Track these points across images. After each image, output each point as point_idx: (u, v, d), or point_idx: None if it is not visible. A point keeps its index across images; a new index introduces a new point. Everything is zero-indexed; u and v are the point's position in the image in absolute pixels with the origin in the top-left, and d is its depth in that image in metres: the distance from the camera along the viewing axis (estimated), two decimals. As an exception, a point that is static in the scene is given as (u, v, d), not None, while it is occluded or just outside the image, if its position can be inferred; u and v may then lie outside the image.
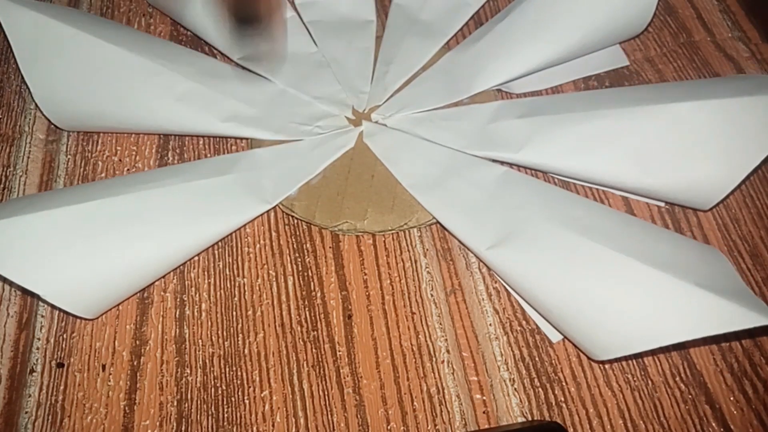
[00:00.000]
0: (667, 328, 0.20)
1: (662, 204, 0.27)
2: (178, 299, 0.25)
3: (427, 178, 0.27)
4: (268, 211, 0.27)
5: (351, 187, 0.27)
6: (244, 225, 0.26)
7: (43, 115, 0.28)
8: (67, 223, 0.23)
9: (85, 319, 0.25)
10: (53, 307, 0.25)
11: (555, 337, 0.24)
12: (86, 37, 0.26)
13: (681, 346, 0.24)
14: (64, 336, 0.25)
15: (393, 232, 0.26)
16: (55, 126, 0.29)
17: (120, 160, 0.29)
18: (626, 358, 0.23)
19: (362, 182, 0.27)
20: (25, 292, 0.26)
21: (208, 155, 0.29)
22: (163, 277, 0.26)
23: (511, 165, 0.27)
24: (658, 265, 0.21)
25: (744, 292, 0.21)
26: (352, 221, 0.26)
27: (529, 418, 0.23)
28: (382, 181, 0.27)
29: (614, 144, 0.25)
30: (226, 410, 0.23)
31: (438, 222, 0.26)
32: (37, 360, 0.24)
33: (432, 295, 0.25)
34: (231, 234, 0.26)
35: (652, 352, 0.24)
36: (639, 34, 0.30)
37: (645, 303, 0.21)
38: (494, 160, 0.27)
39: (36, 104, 0.27)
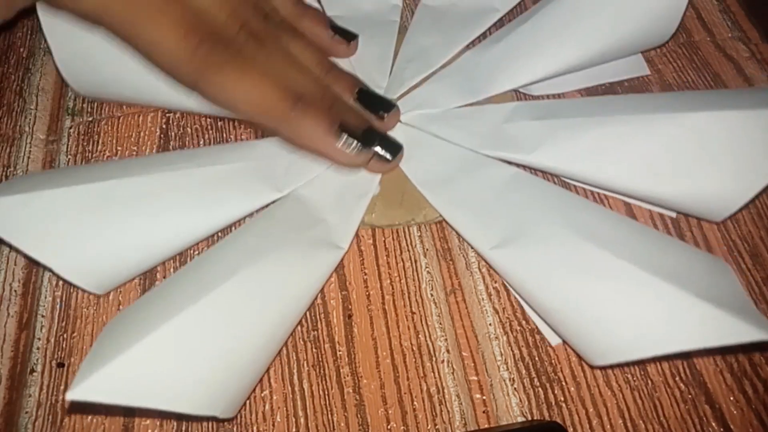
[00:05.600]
0: (665, 337, 0.20)
1: (673, 215, 0.27)
2: (179, 299, 0.25)
3: (437, 175, 0.27)
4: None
5: None
6: (256, 211, 0.26)
7: (63, 81, 0.28)
8: (83, 201, 0.24)
9: (95, 294, 0.25)
10: (64, 281, 0.25)
11: (554, 340, 0.24)
12: None
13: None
14: (65, 336, 0.25)
15: (399, 227, 0.26)
16: (74, 92, 0.29)
17: (120, 160, 0.29)
18: (623, 364, 0.23)
19: None
20: (25, 291, 0.26)
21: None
22: (168, 259, 0.26)
23: (522, 167, 0.27)
24: (660, 274, 0.21)
25: (746, 306, 0.21)
26: None
27: (529, 418, 0.23)
28: (393, 176, 0.27)
29: (628, 151, 0.25)
30: (226, 410, 0.23)
31: (444, 220, 0.26)
32: (37, 360, 0.24)
33: (432, 295, 0.25)
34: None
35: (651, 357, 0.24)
36: (663, 44, 0.30)
37: (644, 311, 0.21)
38: (506, 161, 0.27)
39: (57, 69, 0.28)
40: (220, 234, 0.26)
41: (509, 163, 0.27)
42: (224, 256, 0.24)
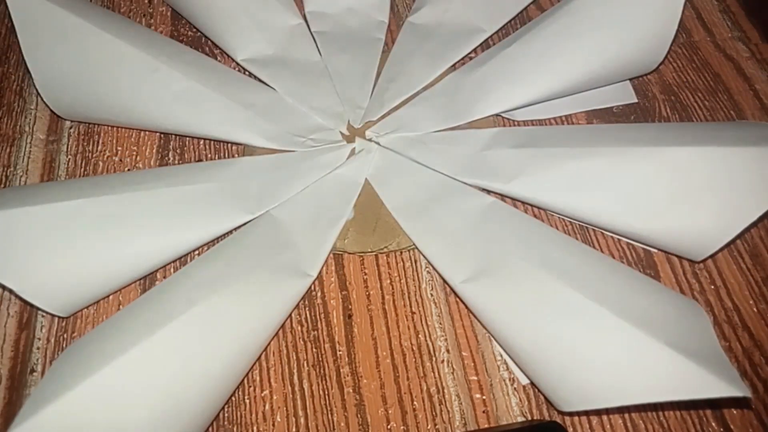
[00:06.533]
0: (632, 387, 0.20)
1: (654, 251, 0.26)
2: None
3: (412, 202, 0.26)
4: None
5: None
6: (226, 233, 0.26)
7: (44, 102, 0.28)
8: (48, 221, 0.23)
9: (60, 317, 0.25)
10: (29, 304, 0.25)
11: (523, 380, 0.23)
12: (90, 27, 0.26)
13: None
14: (65, 336, 0.25)
15: (372, 254, 0.26)
16: (55, 114, 0.29)
17: (120, 160, 0.29)
18: (590, 412, 0.23)
19: None
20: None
21: (209, 156, 0.29)
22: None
23: (500, 196, 0.26)
24: (630, 319, 0.21)
25: (717, 356, 0.20)
26: None
27: (529, 418, 0.23)
28: (368, 201, 0.27)
29: (607, 185, 0.24)
30: (226, 409, 0.23)
31: (417, 249, 0.26)
32: (37, 360, 0.24)
33: (432, 295, 0.25)
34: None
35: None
36: (650, 72, 0.29)
37: (612, 358, 0.20)
38: (484, 189, 0.27)
39: (37, 91, 0.27)
40: (189, 256, 0.26)
41: (487, 191, 0.26)
42: (185, 284, 0.23)
